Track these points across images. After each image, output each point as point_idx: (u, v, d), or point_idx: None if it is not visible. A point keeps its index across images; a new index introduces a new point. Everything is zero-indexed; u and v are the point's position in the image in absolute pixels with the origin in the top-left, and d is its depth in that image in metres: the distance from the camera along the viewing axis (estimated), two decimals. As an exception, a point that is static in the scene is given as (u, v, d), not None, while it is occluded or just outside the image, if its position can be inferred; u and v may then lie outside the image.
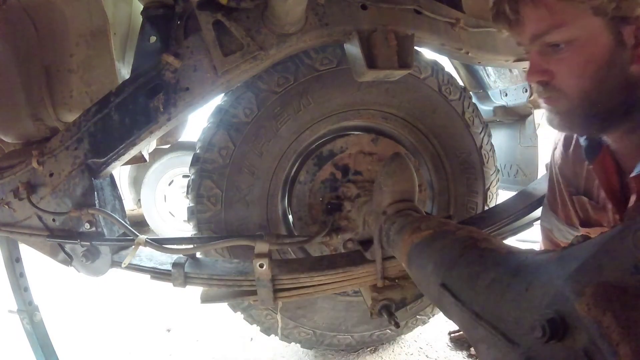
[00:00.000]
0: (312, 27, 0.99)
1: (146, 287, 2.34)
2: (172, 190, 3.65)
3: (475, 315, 0.53)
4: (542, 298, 0.44)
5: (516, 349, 0.45)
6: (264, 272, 1.00)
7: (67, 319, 2.11)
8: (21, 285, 1.37)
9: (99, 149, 1.00)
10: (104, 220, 1.02)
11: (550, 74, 0.80)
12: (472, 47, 1.21)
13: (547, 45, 0.78)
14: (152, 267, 1.04)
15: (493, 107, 1.89)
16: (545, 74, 0.80)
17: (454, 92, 1.43)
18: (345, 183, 1.39)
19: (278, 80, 1.24)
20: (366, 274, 1.06)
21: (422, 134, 1.46)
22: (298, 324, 1.45)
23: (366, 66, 0.98)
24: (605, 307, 0.36)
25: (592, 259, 0.42)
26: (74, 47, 1.15)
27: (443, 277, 0.64)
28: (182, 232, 3.51)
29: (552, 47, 0.78)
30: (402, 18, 1.07)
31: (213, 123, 1.24)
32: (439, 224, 0.80)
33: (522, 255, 0.56)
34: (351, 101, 1.34)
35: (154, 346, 1.84)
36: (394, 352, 1.65)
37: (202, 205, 1.25)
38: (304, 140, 1.33)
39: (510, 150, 1.88)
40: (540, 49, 0.80)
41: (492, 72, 1.77)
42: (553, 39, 0.76)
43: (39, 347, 1.37)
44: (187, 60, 0.96)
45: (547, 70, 0.80)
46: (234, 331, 1.88)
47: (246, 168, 1.26)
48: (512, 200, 1.51)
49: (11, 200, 1.06)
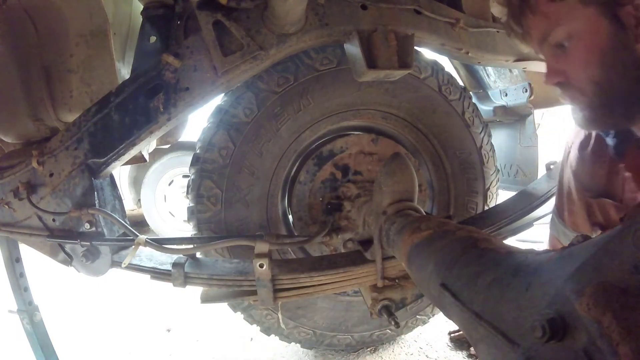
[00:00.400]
0: (312, 27, 0.99)
1: (146, 287, 2.34)
2: (172, 190, 3.65)
3: (475, 315, 0.53)
4: (542, 298, 0.44)
5: (516, 349, 0.45)
6: (264, 272, 1.00)
7: (67, 319, 2.11)
8: (21, 285, 1.37)
9: (99, 149, 1.00)
10: (104, 220, 1.02)
11: (564, 74, 0.82)
12: (472, 47, 1.21)
13: (554, 47, 0.81)
14: (152, 267, 1.04)
15: (493, 107, 1.89)
16: (560, 74, 0.82)
17: (454, 92, 1.43)
18: (345, 183, 1.39)
19: (278, 80, 1.24)
20: (366, 274, 1.06)
21: (422, 134, 1.46)
22: (298, 324, 1.45)
23: (366, 66, 0.98)
24: (605, 307, 0.36)
25: (592, 259, 0.42)
26: (74, 47, 1.15)
27: (443, 277, 0.64)
28: (182, 232, 3.51)
29: (559, 48, 0.80)
30: (402, 18, 1.07)
31: (213, 123, 1.24)
32: (439, 224, 0.80)
33: (522, 255, 0.56)
34: (351, 101, 1.34)
35: (154, 346, 1.84)
36: (394, 352, 1.65)
37: (202, 205, 1.25)
38: (304, 140, 1.33)
39: (510, 150, 1.88)
40: (551, 52, 0.83)
41: (492, 72, 1.77)
42: (555, 39, 0.79)
43: (39, 347, 1.37)
44: (187, 60, 0.96)
45: (561, 71, 0.82)
46: (234, 331, 1.88)
47: (246, 168, 1.26)
48: (512, 200, 1.51)
49: (11, 200, 1.06)
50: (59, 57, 1.15)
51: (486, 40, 1.25)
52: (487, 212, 1.50)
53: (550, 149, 2.05)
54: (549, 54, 0.84)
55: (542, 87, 1.71)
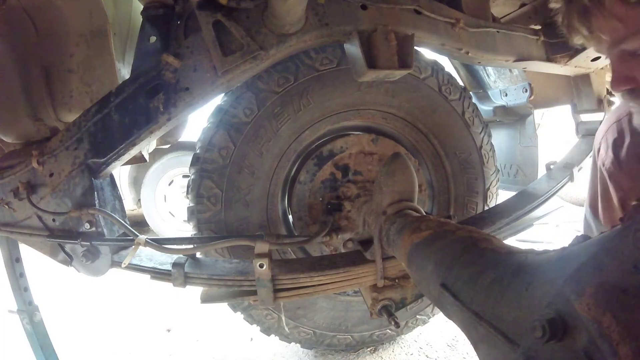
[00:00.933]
0: (312, 27, 0.99)
1: (146, 287, 2.34)
2: (172, 190, 3.65)
3: (475, 315, 0.53)
4: (542, 298, 0.44)
5: (516, 349, 0.45)
6: (264, 272, 1.00)
7: (67, 319, 2.11)
8: (21, 285, 1.37)
9: (99, 149, 1.00)
10: (104, 220, 1.02)
11: (634, 80, 0.79)
12: (472, 47, 1.21)
13: (626, 53, 0.77)
14: (152, 267, 1.04)
15: (493, 107, 1.89)
16: (630, 81, 0.79)
17: (454, 92, 1.43)
18: (345, 183, 1.39)
19: (278, 80, 1.24)
20: (366, 274, 1.06)
21: (422, 134, 1.46)
22: (298, 324, 1.45)
23: (366, 66, 0.98)
24: (605, 307, 0.36)
25: (592, 259, 0.42)
26: (74, 47, 1.15)
27: (443, 277, 0.64)
28: (182, 232, 3.51)
29: (631, 55, 0.77)
30: (402, 18, 1.07)
31: (213, 123, 1.24)
32: (439, 224, 0.80)
33: (522, 255, 0.56)
34: (351, 101, 1.34)
35: (154, 346, 1.84)
36: (394, 352, 1.65)
37: (202, 205, 1.25)
38: (304, 140, 1.33)
39: (510, 150, 1.88)
40: (621, 57, 0.79)
41: (492, 72, 1.77)
42: (631, 46, 0.76)
43: (39, 347, 1.37)
44: (187, 60, 0.96)
45: (631, 77, 0.79)
46: (234, 331, 1.88)
47: (246, 168, 1.26)
48: (512, 200, 1.51)
49: (11, 200, 1.05)
50: (59, 57, 1.15)
51: (486, 40, 1.25)
52: (487, 212, 1.50)
53: (550, 149, 2.05)
54: (619, 59, 0.80)
55: (542, 87, 1.72)
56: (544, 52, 1.40)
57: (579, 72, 1.56)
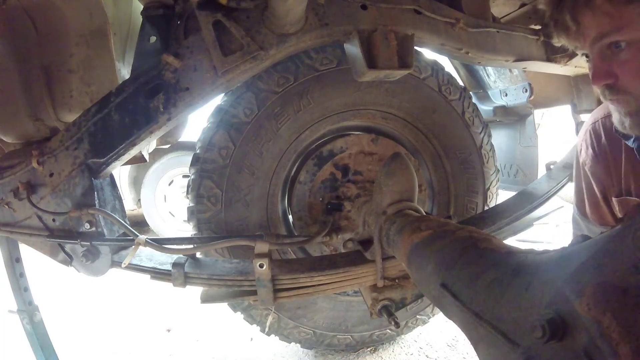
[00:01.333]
0: (312, 27, 0.99)
1: (146, 287, 2.34)
2: (172, 190, 3.65)
3: (475, 315, 0.53)
4: (542, 298, 0.44)
5: (516, 349, 0.45)
6: (264, 272, 1.00)
7: (67, 319, 2.11)
8: (21, 285, 1.37)
9: (98, 149, 1.00)
10: (104, 220, 1.02)
11: (614, 76, 0.80)
12: (472, 47, 1.21)
13: (607, 48, 0.79)
14: (152, 267, 1.04)
15: (493, 107, 1.89)
16: (610, 76, 0.81)
17: (454, 92, 1.43)
18: (345, 183, 1.39)
19: (278, 80, 1.24)
20: (366, 274, 1.06)
21: (422, 134, 1.46)
22: (298, 324, 1.45)
23: (366, 66, 0.98)
24: (605, 307, 0.36)
25: (592, 259, 0.42)
26: (73, 47, 1.15)
27: (443, 277, 0.64)
28: (182, 232, 3.51)
29: (612, 50, 0.79)
30: (402, 18, 1.07)
31: (213, 123, 1.24)
32: (439, 224, 0.80)
33: (522, 255, 0.56)
34: (351, 101, 1.34)
35: (154, 346, 1.84)
36: (394, 352, 1.65)
37: (202, 205, 1.25)
38: (304, 140, 1.33)
39: (510, 150, 1.88)
40: (601, 52, 0.81)
41: (492, 72, 1.77)
42: (614, 38, 0.77)
43: (39, 347, 1.37)
44: (187, 60, 0.96)
45: (611, 73, 0.80)
46: (234, 331, 1.88)
47: (246, 168, 1.26)
48: (512, 200, 1.51)
49: (11, 200, 1.05)
50: (59, 57, 1.15)
51: (486, 40, 1.25)
52: (487, 212, 1.50)
53: (550, 149, 2.05)
54: (599, 54, 0.81)
55: (542, 87, 1.72)
56: (544, 52, 1.40)
57: (579, 72, 1.56)
